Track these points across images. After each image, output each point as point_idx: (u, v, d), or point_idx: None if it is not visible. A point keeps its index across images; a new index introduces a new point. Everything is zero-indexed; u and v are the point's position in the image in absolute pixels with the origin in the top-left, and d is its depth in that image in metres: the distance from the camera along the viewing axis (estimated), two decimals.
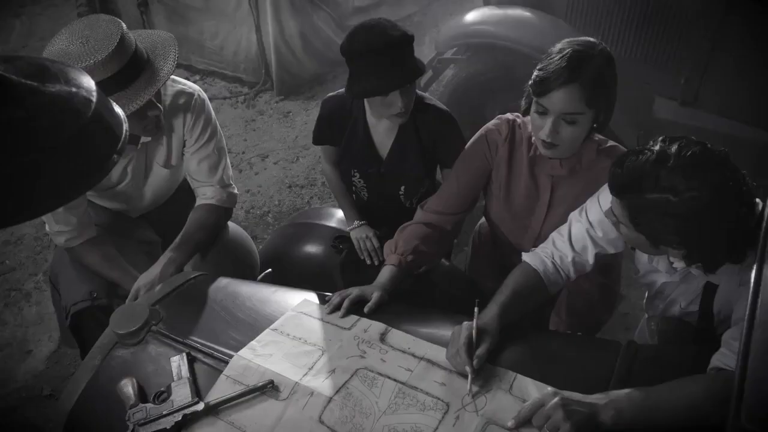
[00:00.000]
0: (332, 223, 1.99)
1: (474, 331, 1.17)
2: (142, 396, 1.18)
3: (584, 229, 1.32)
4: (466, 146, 1.58)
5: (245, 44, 4.07)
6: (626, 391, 1.05)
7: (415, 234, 1.52)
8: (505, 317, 1.23)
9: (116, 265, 1.65)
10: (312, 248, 1.94)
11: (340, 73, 4.06)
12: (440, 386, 1.14)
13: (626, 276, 1.80)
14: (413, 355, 1.21)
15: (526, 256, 1.37)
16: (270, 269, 1.77)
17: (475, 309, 1.23)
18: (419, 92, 1.68)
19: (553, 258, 1.34)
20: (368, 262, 1.81)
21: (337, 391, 1.13)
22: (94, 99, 0.80)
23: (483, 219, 1.81)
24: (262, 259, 1.97)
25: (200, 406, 1.13)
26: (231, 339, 1.27)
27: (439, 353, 1.20)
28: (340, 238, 1.90)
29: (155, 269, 1.56)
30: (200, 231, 1.68)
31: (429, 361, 1.19)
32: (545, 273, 1.33)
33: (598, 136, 1.43)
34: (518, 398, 1.10)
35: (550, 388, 1.06)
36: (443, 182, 1.59)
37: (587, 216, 1.33)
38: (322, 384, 1.15)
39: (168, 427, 1.10)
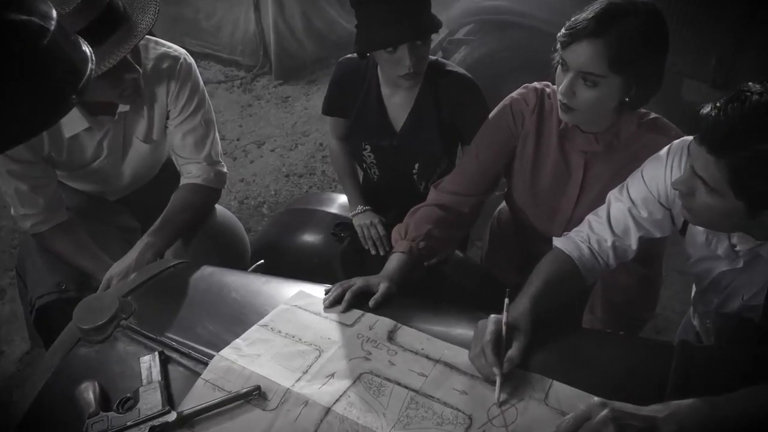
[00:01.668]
0: (333, 209, 1.80)
1: (504, 327, 0.98)
2: (105, 403, 0.99)
3: (626, 208, 1.14)
4: (488, 118, 1.38)
5: (243, 24, 3.87)
6: (689, 401, 0.86)
7: (427, 217, 1.33)
8: (538, 312, 1.04)
9: (89, 253, 1.46)
10: (310, 237, 1.75)
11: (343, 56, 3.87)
12: (461, 395, 0.95)
13: None
14: (427, 357, 1.02)
15: (558, 242, 1.18)
16: (262, 260, 1.58)
17: (506, 300, 1.04)
18: (441, 59, 1.49)
19: (589, 243, 1.15)
20: (373, 251, 1.62)
21: (337, 401, 0.94)
22: (51, 28, 0.75)
23: (503, 203, 1.62)
24: (255, 248, 1.78)
25: (172, 416, 0.94)
26: (213, 337, 1.08)
27: (458, 355, 1.01)
28: (341, 225, 1.71)
29: (130, 256, 1.37)
30: (183, 213, 1.48)
31: (447, 364, 1.00)
32: (581, 260, 1.14)
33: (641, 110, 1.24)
34: (556, 410, 0.91)
35: (596, 398, 0.87)
36: (461, 158, 1.40)
37: (629, 194, 1.14)
38: (318, 391, 0.96)
39: None
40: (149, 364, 1.02)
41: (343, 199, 1.83)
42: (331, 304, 1.14)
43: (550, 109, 1.31)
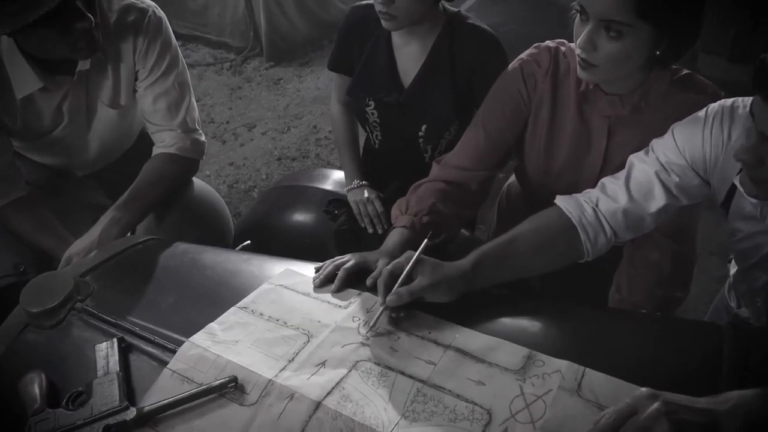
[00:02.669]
0: (326, 186, 1.64)
1: (411, 262, 0.90)
2: (52, 397, 0.83)
3: (652, 171, 0.98)
4: (496, 83, 1.22)
5: (232, 4, 3.70)
6: (753, 392, 0.70)
7: (432, 192, 1.17)
8: (488, 269, 0.93)
9: (51, 231, 1.30)
10: (301, 215, 1.59)
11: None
12: (477, 386, 0.79)
13: None
14: (436, 343, 0.86)
15: (559, 199, 1.02)
16: (248, 241, 1.43)
17: (425, 241, 0.97)
18: (462, 12, 1.34)
19: (596, 204, 0.99)
20: (370, 229, 1.46)
21: (329, 393, 0.78)
22: None
23: (512, 178, 1.46)
24: (240, 229, 1.62)
25: (130, 413, 0.78)
26: (183, 321, 0.92)
27: (472, 339, 0.86)
28: (335, 202, 1.55)
29: (94, 231, 1.21)
30: (155, 186, 1.32)
31: (459, 350, 0.85)
32: (581, 222, 0.98)
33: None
34: (591, 402, 0.76)
35: (643, 389, 0.72)
36: (467, 130, 1.24)
37: (657, 156, 0.98)
38: (306, 383, 0.80)
39: None
40: (106, 352, 0.87)
41: (337, 175, 1.67)
42: (322, 283, 0.98)
43: (567, 70, 1.15)
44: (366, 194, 1.48)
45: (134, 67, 1.31)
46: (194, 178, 1.47)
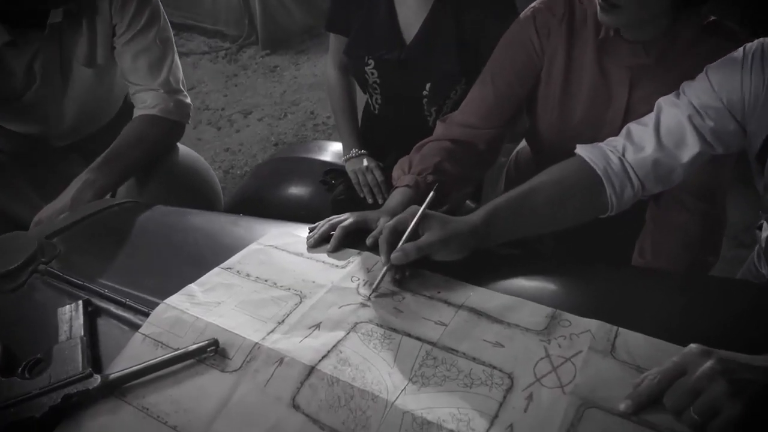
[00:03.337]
0: (324, 157, 1.53)
1: (417, 216, 0.79)
2: (9, 365, 0.72)
3: (685, 116, 0.87)
4: (505, 34, 1.12)
5: None
6: None
7: (436, 150, 1.07)
8: (502, 224, 0.83)
9: (23, 200, 1.19)
10: (296, 188, 1.48)
11: None
12: (494, 348, 0.69)
13: None
14: (446, 302, 0.76)
15: (581, 149, 0.91)
16: (240, 215, 1.32)
17: (432, 194, 0.87)
18: None
19: (623, 153, 0.88)
20: (369, 199, 1.36)
21: (324, 357, 0.68)
22: None
23: (521, 144, 1.36)
24: (232, 203, 1.52)
25: (94, 381, 0.67)
26: (159, 285, 0.82)
27: (487, 299, 0.76)
28: (332, 172, 1.45)
29: (66, 195, 1.10)
30: (135, 148, 1.21)
31: (473, 310, 0.74)
32: (606, 173, 0.87)
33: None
34: (628, 364, 0.65)
35: (693, 345, 0.61)
36: (474, 86, 1.13)
37: (689, 99, 0.88)
38: (298, 346, 0.70)
39: (38, 416, 0.65)
40: (70, 315, 0.76)
41: (334, 147, 1.57)
42: (317, 243, 0.88)
43: (584, 17, 1.05)
44: (365, 163, 1.37)
45: (111, 20, 1.21)
46: (180, 144, 1.36)
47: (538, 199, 0.85)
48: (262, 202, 1.48)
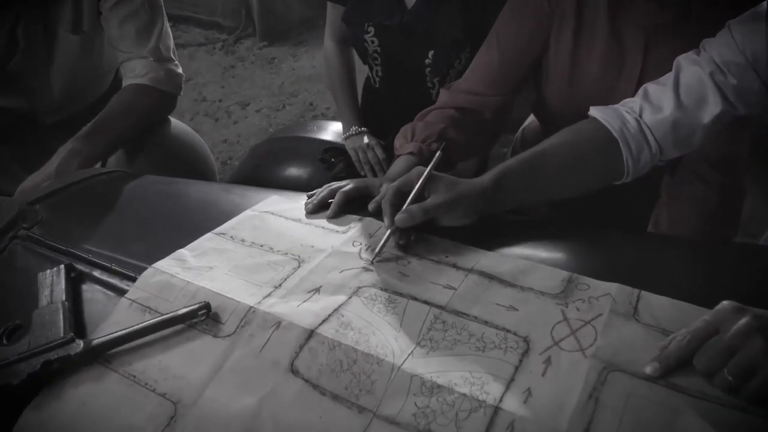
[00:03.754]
0: (323, 136, 1.48)
1: (423, 177, 0.74)
2: None
3: (706, 73, 0.82)
4: None
5: None
6: None
7: (441, 118, 1.02)
8: (512, 187, 0.78)
9: (9, 179, 1.14)
10: (294, 167, 1.43)
11: None
12: (508, 311, 0.64)
13: None
14: (455, 266, 0.71)
15: (595, 110, 0.86)
16: (234, 184, 1.27)
17: (438, 153, 0.83)
18: None
19: (640, 114, 0.83)
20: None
21: (325, 321, 0.63)
22: None
23: (528, 120, 1.31)
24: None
25: (77, 347, 0.62)
26: (148, 249, 0.77)
27: (499, 263, 0.71)
28: (331, 150, 1.40)
29: (51, 164, 1.05)
30: (123, 118, 1.16)
31: (484, 274, 0.69)
32: (623, 135, 0.82)
33: None
34: (652, 327, 0.60)
35: (726, 302, 0.57)
36: (479, 51, 1.08)
37: (711, 55, 0.83)
38: (296, 310, 0.65)
39: (15, 383, 0.60)
40: (51, 280, 0.71)
41: (333, 126, 1.52)
42: (316, 209, 0.83)
43: None
44: (365, 140, 1.32)
45: None
46: (172, 119, 1.31)
47: (551, 162, 0.81)
48: (259, 182, 1.42)
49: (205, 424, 0.56)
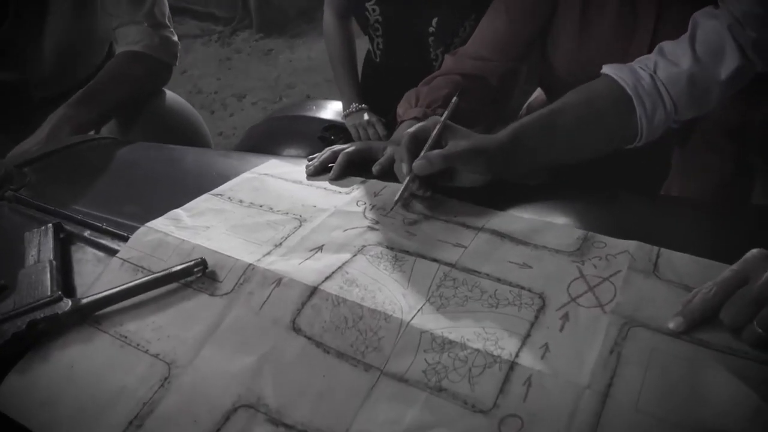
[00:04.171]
0: (322, 115, 1.45)
1: (440, 125, 0.71)
2: None
3: (724, 26, 0.78)
4: None
5: None
6: None
7: (446, 83, 0.99)
8: (529, 144, 0.74)
9: None
10: (292, 148, 1.40)
11: None
12: (521, 269, 0.60)
13: None
14: (464, 225, 0.67)
15: (609, 68, 0.83)
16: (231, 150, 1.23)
17: (455, 100, 0.79)
18: None
19: (655, 70, 0.80)
20: None
21: (328, 278, 0.59)
22: None
23: (535, 93, 1.28)
24: None
25: (64, 306, 0.59)
26: (141, 210, 0.73)
27: (511, 221, 0.68)
28: (331, 128, 1.36)
29: (41, 131, 1.01)
30: (116, 85, 1.12)
31: (496, 232, 0.66)
32: (637, 91, 0.78)
33: None
34: (674, 283, 0.57)
35: (755, 250, 0.53)
36: (485, 16, 1.05)
37: (729, 7, 0.79)
38: (298, 267, 0.61)
39: None
40: (38, 239, 0.67)
41: (332, 105, 1.49)
42: (317, 171, 0.80)
43: None
44: (366, 117, 1.29)
45: None
46: (167, 90, 1.27)
47: (568, 119, 0.77)
48: None
49: (201, 384, 0.53)
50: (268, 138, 1.44)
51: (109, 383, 0.54)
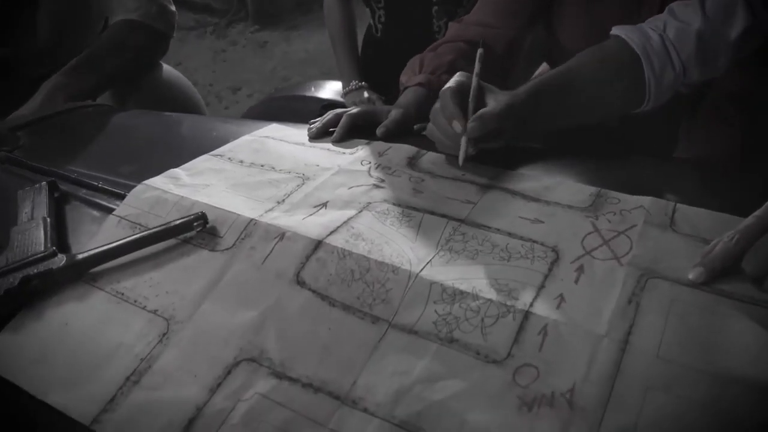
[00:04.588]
0: (322, 95, 1.43)
1: (474, 79, 0.69)
2: None
3: None
4: None
5: None
6: None
7: (450, 50, 0.97)
8: (546, 103, 0.72)
9: None
10: None
11: None
12: (533, 224, 0.58)
13: None
14: (473, 183, 0.65)
15: (618, 29, 0.81)
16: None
17: (479, 50, 0.72)
18: None
19: (664, 30, 0.78)
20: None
21: (333, 232, 0.57)
22: None
23: (540, 67, 1.26)
24: None
25: (59, 262, 0.56)
26: (139, 169, 0.71)
27: (520, 180, 0.66)
28: (330, 106, 1.33)
29: (35, 99, 0.99)
30: (112, 54, 1.10)
31: (505, 189, 0.64)
32: (646, 51, 0.76)
33: None
34: (692, 237, 0.55)
35: None
36: None
37: None
38: (302, 222, 0.59)
39: None
40: (32, 197, 0.65)
41: (331, 85, 1.46)
42: (320, 133, 0.78)
43: None
44: (366, 95, 1.27)
45: None
46: (164, 64, 1.25)
47: (583, 79, 0.76)
48: None
49: (201, 339, 0.51)
50: (267, 118, 1.42)
51: (106, 340, 0.52)
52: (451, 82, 0.70)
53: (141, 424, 0.45)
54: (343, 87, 1.32)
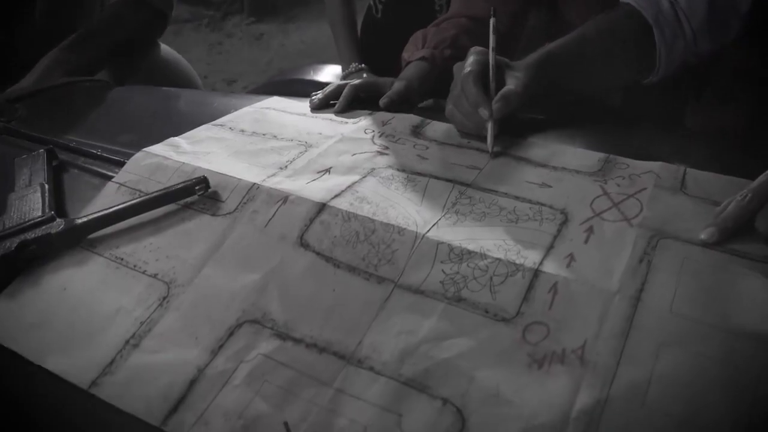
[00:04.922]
0: (321, 78, 1.41)
1: (491, 54, 0.66)
2: None
3: None
4: None
5: None
6: None
7: (453, 25, 0.96)
8: (556, 72, 0.70)
9: None
10: None
11: None
12: (541, 188, 0.57)
13: None
14: (478, 150, 0.64)
15: None
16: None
17: (492, 19, 0.70)
18: None
19: None
20: None
21: (337, 195, 0.56)
22: None
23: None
24: None
25: (57, 226, 0.55)
26: (138, 138, 0.70)
27: (527, 146, 0.65)
28: None
29: (32, 74, 0.97)
30: (110, 31, 1.08)
31: (512, 156, 0.63)
32: (657, 20, 0.75)
33: None
34: (702, 199, 0.54)
35: None
36: None
37: None
38: (305, 187, 0.58)
39: None
40: (29, 165, 0.63)
41: (330, 69, 1.45)
42: (322, 104, 0.76)
43: None
44: (365, 77, 1.25)
45: None
46: (163, 44, 1.23)
47: (593, 48, 0.75)
48: None
49: (202, 303, 0.50)
50: None
51: (104, 304, 0.51)
52: (471, 65, 0.67)
53: (141, 386, 0.44)
54: (343, 70, 1.30)
